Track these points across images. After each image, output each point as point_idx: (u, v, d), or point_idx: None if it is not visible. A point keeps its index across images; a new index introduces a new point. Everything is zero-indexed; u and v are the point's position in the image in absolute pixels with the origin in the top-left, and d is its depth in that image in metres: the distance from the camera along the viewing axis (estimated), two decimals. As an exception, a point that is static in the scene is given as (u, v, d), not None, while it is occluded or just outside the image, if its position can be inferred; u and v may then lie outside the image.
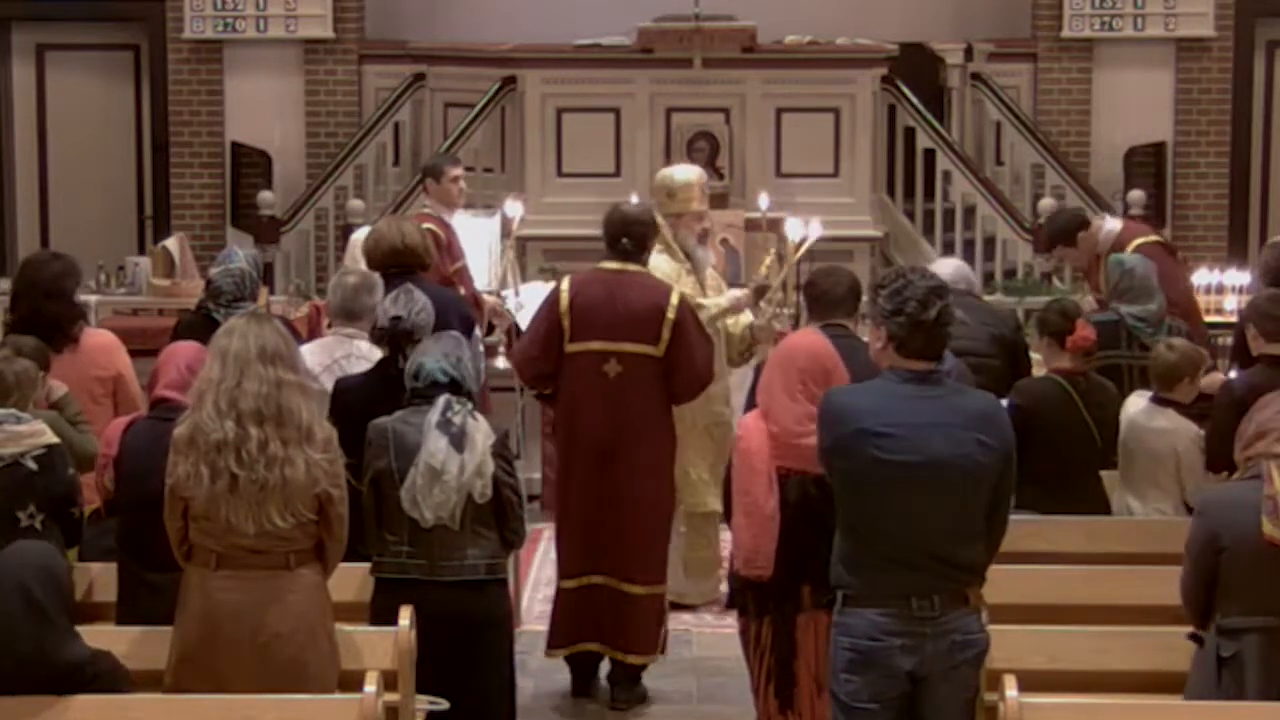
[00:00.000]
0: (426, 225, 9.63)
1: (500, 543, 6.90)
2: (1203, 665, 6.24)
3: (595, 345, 8.28)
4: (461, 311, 8.82)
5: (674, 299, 8.31)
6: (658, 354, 8.26)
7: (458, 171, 10.82)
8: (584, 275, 8.63)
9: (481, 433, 6.77)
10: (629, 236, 8.40)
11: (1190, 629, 6.35)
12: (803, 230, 9.41)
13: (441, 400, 6.79)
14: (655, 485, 8.37)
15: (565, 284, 8.44)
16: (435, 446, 6.70)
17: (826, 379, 6.55)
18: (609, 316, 8.27)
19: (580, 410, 8.31)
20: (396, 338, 7.45)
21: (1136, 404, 8.24)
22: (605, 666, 8.51)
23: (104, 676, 5.99)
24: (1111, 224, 10.15)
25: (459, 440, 6.71)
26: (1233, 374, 8.60)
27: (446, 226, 10.47)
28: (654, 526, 8.40)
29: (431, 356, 6.91)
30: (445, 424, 6.73)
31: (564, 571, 8.41)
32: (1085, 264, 10.15)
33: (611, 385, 8.27)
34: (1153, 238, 10.07)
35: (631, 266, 8.40)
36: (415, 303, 7.55)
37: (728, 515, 6.83)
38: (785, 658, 6.61)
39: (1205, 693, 6.18)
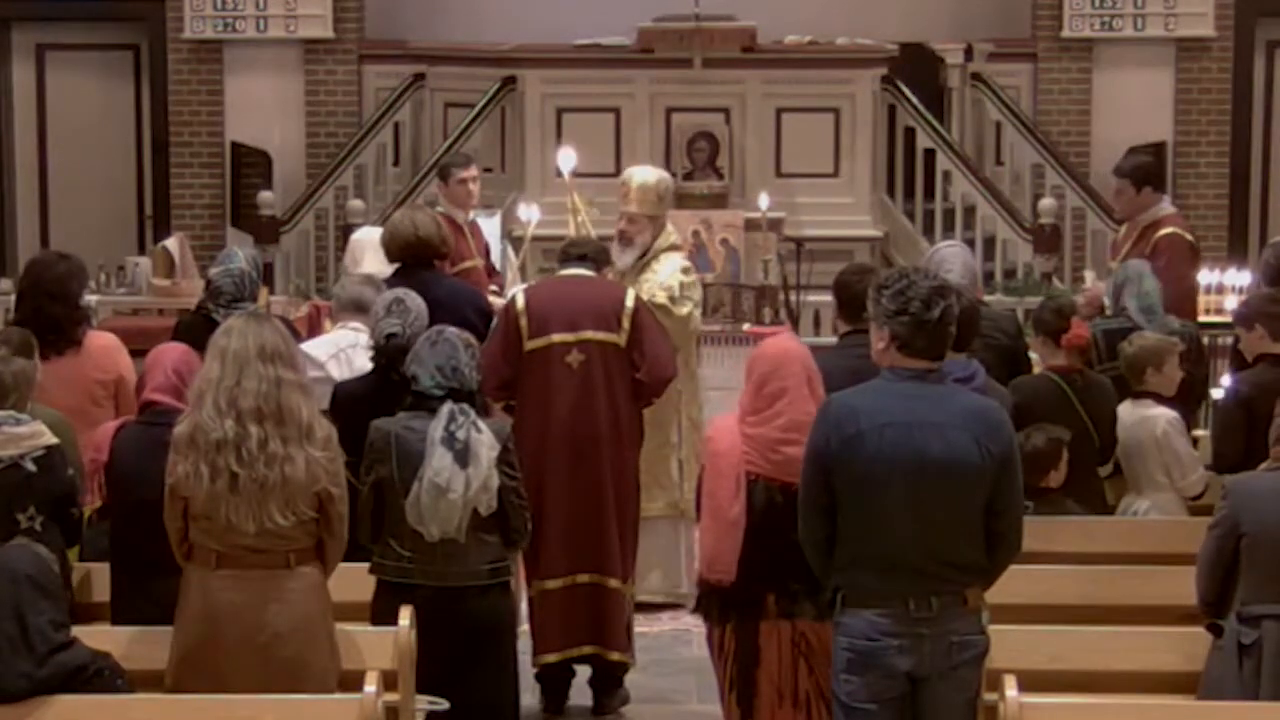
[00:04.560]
0: None
1: (503, 543, 6.89)
2: (1221, 655, 6.28)
3: (556, 338, 8.17)
4: (477, 304, 8.78)
5: (630, 292, 8.38)
6: (620, 342, 8.18)
7: (465, 173, 10.58)
8: (538, 281, 8.68)
9: (485, 445, 6.70)
10: (589, 246, 8.50)
11: (1209, 621, 6.40)
12: (529, 212, 9.56)
13: (445, 411, 6.72)
14: (626, 478, 8.28)
15: (519, 291, 8.43)
16: (440, 464, 6.63)
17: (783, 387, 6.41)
18: (568, 309, 8.21)
19: (549, 405, 8.18)
20: (391, 354, 7.39)
21: (1122, 406, 8.26)
22: (586, 674, 8.35)
23: (106, 673, 6.01)
24: (1165, 203, 10.23)
25: (463, 456, 6.65)
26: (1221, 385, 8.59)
27: (457, 228, 10.35)
28: (628, 520, 8.31)
29: (425, 369, 6.81)
30: (449, 439, 6.66)
31: (545, 572, 8.21)
32: (1127, 214, 10.21)
33: (577, 375, 8.16)
34: (1185, 234, 10.08)
35: (586, 271, 8.38)
36: (409, 313, 7.49)
37: (698, 517, 6.63)
38: (747, 666, 6.47)
39: (1225, 683, 6.22)
